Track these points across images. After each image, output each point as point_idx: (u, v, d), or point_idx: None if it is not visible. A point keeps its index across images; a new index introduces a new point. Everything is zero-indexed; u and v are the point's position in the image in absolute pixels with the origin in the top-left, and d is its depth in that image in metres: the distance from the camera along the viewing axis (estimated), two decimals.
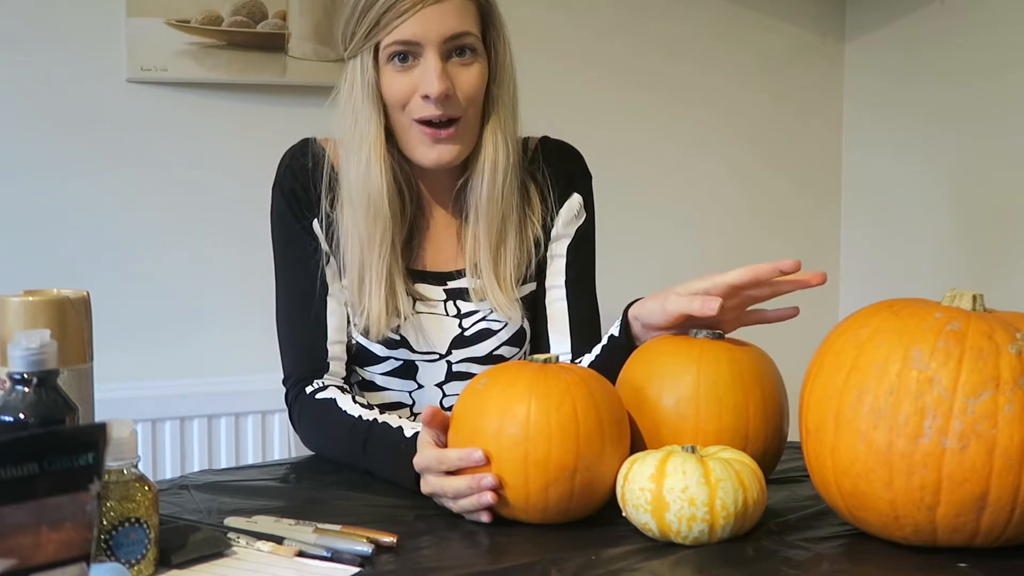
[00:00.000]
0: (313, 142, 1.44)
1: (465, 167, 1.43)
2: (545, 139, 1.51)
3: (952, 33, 2.50)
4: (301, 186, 1.41)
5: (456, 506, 1.09)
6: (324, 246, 1.41)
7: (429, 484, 1.11)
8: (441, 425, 1.12)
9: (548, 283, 1.47)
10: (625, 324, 1.28)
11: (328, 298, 1.41)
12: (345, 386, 1.41)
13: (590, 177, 1.51)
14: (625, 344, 1.28)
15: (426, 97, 1.32)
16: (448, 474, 1.09)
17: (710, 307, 1.16)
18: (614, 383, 1.17)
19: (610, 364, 1.25)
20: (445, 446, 1.12)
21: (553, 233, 1.47)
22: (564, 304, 1.45)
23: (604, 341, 1.33)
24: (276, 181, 1.44)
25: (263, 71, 2.24)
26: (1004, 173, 2.40)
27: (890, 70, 2.69)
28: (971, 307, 0.98)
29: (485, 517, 1.07)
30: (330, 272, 1.41)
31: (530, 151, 1.48)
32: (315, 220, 1.41)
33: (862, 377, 0.95)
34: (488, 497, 1.05)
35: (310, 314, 1.40)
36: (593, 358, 1.34)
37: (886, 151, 2.71)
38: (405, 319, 1.39)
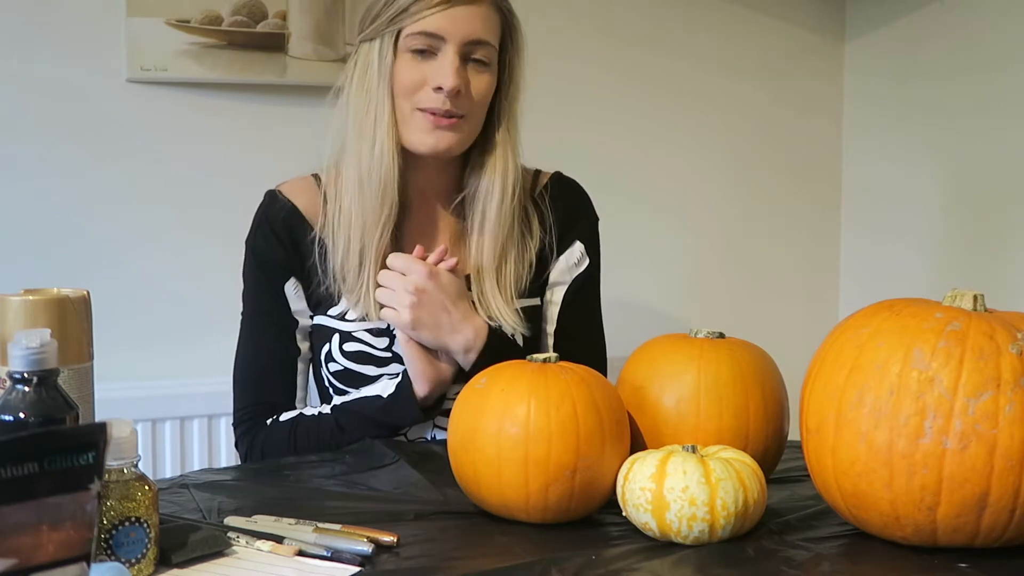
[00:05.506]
0: (279, 196, 1.46)
1: (462, 173, 1.44)
2: (558, 176, 1.52)
3: (952, 33, 2.50)
4: (271, 248, 1.45)
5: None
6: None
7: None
8: None
9: (544, 325, 1.49)
10: None
11: (298, 361, 1.46)
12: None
13: (596, 220, 1.53)
14: None
15: (438, 89, 1.33)
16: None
17: None
18: None
19: None
20: None
21: (551, 278, 1.48)
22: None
23: None
24: (248, 239, 1.48)
25: (263, 71, 2.23)
26: (1005, 172, 2.40)
27: (890, 70, 2.69)
28: (972, 307, 0.98)
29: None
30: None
31: (539, 186, 1.49)
32: (288, 282, 1.44)
33: (862, 377, 0.95)
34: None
35: (273, 367, 1.46)
36: None
37: (886, 151, 2.71)
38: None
